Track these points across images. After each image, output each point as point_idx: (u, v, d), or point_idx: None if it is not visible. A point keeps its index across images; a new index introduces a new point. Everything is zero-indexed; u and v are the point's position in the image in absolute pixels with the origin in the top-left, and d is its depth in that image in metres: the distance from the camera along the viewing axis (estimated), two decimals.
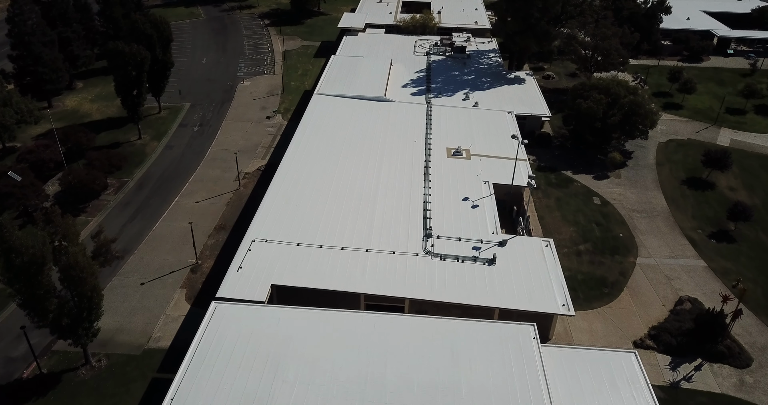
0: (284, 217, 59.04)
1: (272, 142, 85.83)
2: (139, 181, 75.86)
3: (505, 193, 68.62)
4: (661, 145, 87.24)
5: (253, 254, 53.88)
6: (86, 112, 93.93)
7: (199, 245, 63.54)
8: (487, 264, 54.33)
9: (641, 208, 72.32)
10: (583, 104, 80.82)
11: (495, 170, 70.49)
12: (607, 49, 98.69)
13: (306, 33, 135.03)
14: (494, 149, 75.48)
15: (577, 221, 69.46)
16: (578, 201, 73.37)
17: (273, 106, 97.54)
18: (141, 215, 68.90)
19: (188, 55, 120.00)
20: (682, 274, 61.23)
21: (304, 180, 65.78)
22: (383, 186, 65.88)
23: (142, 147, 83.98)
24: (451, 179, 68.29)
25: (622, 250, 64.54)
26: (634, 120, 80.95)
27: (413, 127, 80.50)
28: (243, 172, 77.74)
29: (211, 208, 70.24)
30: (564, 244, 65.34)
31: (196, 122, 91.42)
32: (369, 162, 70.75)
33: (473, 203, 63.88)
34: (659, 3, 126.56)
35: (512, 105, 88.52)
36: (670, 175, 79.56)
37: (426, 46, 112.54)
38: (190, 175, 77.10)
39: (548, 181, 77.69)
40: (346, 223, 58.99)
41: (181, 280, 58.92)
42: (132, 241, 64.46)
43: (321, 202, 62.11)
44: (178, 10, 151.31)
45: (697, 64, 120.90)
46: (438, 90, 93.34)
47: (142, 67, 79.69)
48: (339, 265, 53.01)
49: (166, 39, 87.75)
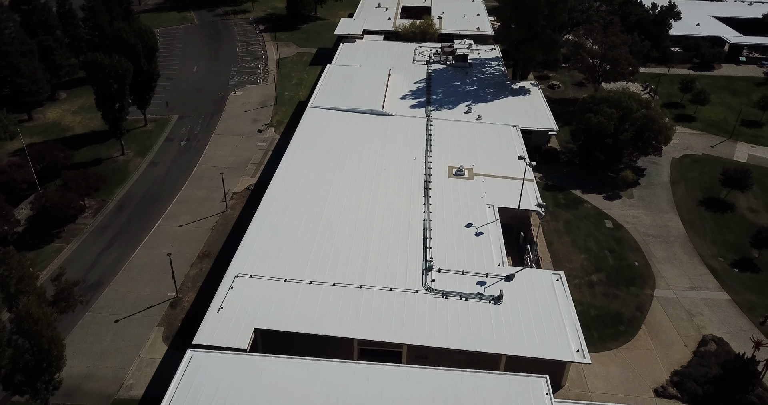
0: (271, 249, 54.17)
1: (263, 158, 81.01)
2: (119, 202, 71.02)
3: (511, 216, 63.94)
4: (675, 162, 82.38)
5: (236, 292, 49.03)
6: (68, 126, 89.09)
7: (181, 276, 58.78)
8: (493, 302, 49.48)
9: (657, 232, 67.46)
10: (593, 119, 75.97)
11: (500, 192, 65.68)
12: (615, 58, 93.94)
13: (302, 39, 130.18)
14: (499, 168, 70.69)
15: (588, 247, 64.63)
16: (589, 224, 68.54)
17: (265, 118, 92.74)
18: (119, 241, 64.08)
19: (179, 63, 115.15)
20: (704, 308, 56.39)
21: (293, 205, 60.90)
22: (380, 211, 61.06)
23: (124, 164, 79.13)
24: (453, 202, 63.48)
25: (638, 281, 59.71)
26: (647, 136, 76.11)
27: (412, 143, 75.67)
28: (231, 191, 72.92)
29: (195, 233, 65.41)
30: (575, 273, 60.53)
31: (184, 136, 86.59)
32: (365, 183, 65.94)
33: (477, 230, 59.06)
34: (668, 8, 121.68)
35: (517, 118, 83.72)
36: (685, 195, 74.69)
37: (426, 54, 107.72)
38: (174, 195, 72.26)
39: (556, 201, 72.86)
40: (339, 254, 54.17)
41: (159, 316, 54.09)
42: (108, 271, 59.62)
43: (312, 230, 57.26)
44: (170, 14, 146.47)
45: (708, 72, 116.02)
46: (439, 102, 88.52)
47: (124, 80, 74.91)
48: (330, 305, 48.16)
49: (152, 49, 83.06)
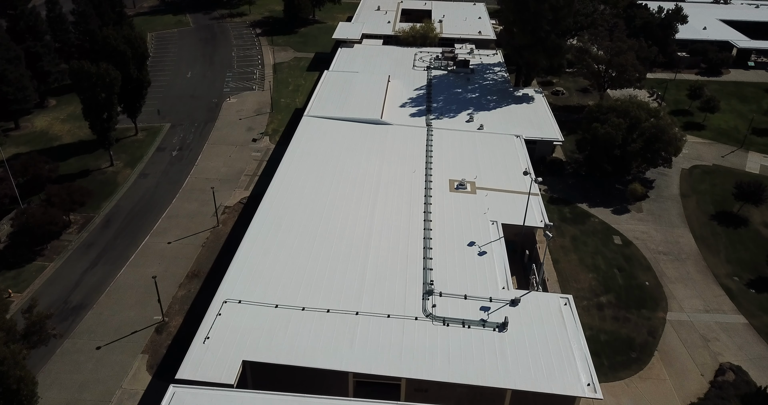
0: (262, 271, 51.13)
1: (257, 170, 78.02)
2: (106, 216, 68.04)
3: (515, 233, 60.98)
4: (685, 173, 79.37)
5: (224, 320, 46.03)
6: (56, 135, 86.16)
7: (168, 297, 55.86)
8: (498, 330, 46.51)
9: (668, 249, 64.47)
10: (600, 129, 72.97)
11: (504, 207, 62.69)
12: (622, 64, 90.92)
13: (299, 43, 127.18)
14: (502, 181, 67.72)
15: (596, 266, 61.64)
16: (596, 241, 65.55)
17: (260, 126, 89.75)
18: (105, 259, 61.10)
19: (172, 68, 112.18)
20: (721, 333, 53.39)
21: (287, 223, 57.86)
22: (378, 228, 58.05)
23: (113, 175, 76.17)
24: (455, 219, 60.49)
25: (649, 303, 56.71)
26: (657, 147, 73.13)
27: (412, 154, 72.68)
28: (222, 205, 69.95)
29: (185, 251, 62.44)
30: (583, 294, 57.57)
31: (176, 146, 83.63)
32: (362, 198, 62.96)
33: (480, 249, 56.05)
34: (675, 12, 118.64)
35: (521, 127, 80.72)
36: (697, 209, 71.70)
37: (426, 60, 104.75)
38: (163, 209, 69.30)
39: (562, 215, 69.88)
40: (334, 277, 51.16)
41: (144, 342, 51.11)
42: (91, 292, 56.65)
43: (306, 250, 54.23)
44: (165, 18, 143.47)
45: (716, 77, 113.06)
46: (439, 110, 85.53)
47: (112, 89, 71.93)
48: (324, 334, 45.16)
49: (142, 55, 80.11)
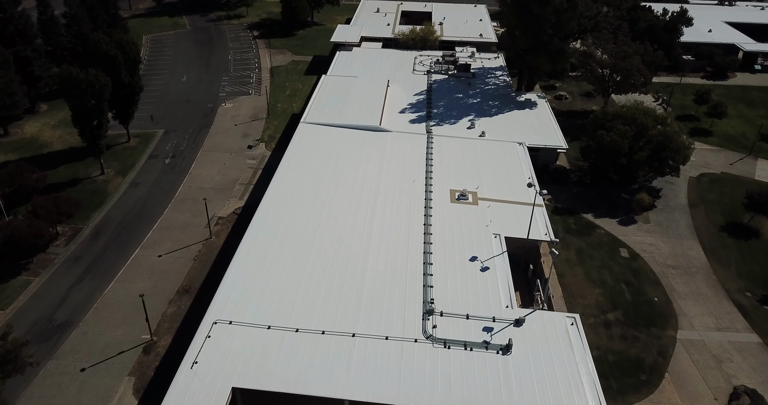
0: (254, 289, 48.88)
1: (252, 178, 75.77)
2: (95, 228, 65.81)
3: (518, 246, 58.77)
4: (693, 181, 77.10)
5: (213, 343, 43.81)
6: (46, 141, 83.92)
7: (157, 315, 53.64)
8: (501, 352, 44.29)
9: (677, 262, 62.22)
10: (606, 137, 70.72)
11: (507, 219, 60.48)
12: (627, 69, 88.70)
13: (297, 46, 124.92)
14: (505, 191, 65.51)
15: (603, 281, 59.39)
16: (603, 253, 63.30)
17: (256, 133, 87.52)
18: (92, 274, 58.86)
19: (168, 72, 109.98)
20: (734, 353, 51.13)
21: (281, 237, 55.61)
22: (376, 242, 55.80)
23: (104, 184, 73.92)
24: (456, 232, 58.25)
25: (658, 321, 54.45)
26: (664, 155, 70.88)
27: (412, 163, 70.47)
28: (216, 216, 67.73)
29: (176, 265, 60.19)
30: (590, 311, 55.34)
31: (169, 153, 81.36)
32: (360, 210, 60.73)
33: (483, 264, 53.83)
34: (680, 14, 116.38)
35: (524, 134, 78.51)
36: (706, 220, 69.43)
37: (427, 63, 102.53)
38: (155, 220, 67.06)
39: (567, 226, 67.65)
40: (330, 295, 48.92)
41: (131, 364, 48.86)
42: (78, 309, 54.42)
43: (300, 266, 51.98)
44: (161, 20, 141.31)
45: (722, 81, 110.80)
46: (440, 116, 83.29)
47: (102, 96, 69.72)
48: (318, 358, 42.94)
49: (134, 60, 77.86)
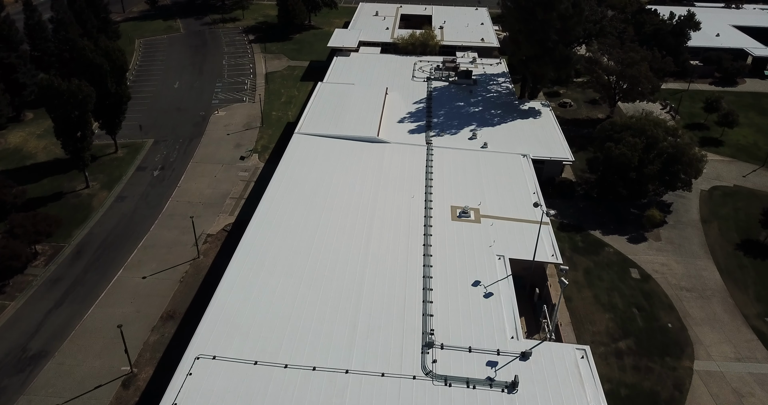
0: (240, 321, 45.44)
1: (244, 192, 72.43)
2: (77, 246, 62.47)
3: (523, 267, 55.48)
4: (704, 195, 73.74)
5: (194, 381, 40.41)
6: (30, 152, 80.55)
7: (139, 343, 50.33)
8: (507, 390, 40.94)
9: (690, 284, 58.87)
10: (615, 150, 67.37)
11: (511, 239, 57.15)
12: (635, 76, 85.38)
13: (293, 51, 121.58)
14: (508, 207, 62.20)
15: (613, 304, 56.03)
16: (612, 274, 59.96)
17: (249, 143, 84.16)
18: (72, 297, 55.51)
19: (159, 78, 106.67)
20: (755, 387, 47.75)
21: (271, 260, 52.23)
22: (372, 267, 52.35)
23: (88, 198, 70.58)
24: (458, 253, 54.89)
25: (673, 350, 51.09)
26: (676, 169, 67.55)
27: (411, 176, 67.14)
28: (205, 233, 64.40)
29: (160, 287, 56.84)
30: (600, 339, 51.99)
31: (157, 165, 77.99)
32: (356, 229, 57.35)
33: (486, 290, 50.47)
34: (687, 18, 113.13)
35: (527, 145, 75.19)
36: (720, 237, 66.07)
37: (426, 70, 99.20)
38: (140, 238, 63.72)
39: (573, 244, 64.30)
40: (322, 327, 45.51)
41: (109, 399, 45.52)
42: (54, 337, 51.06)
43: (290, 295, 48.54)
44: (155, 23, 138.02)
45: (731, 87, 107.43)
46: (440, 126, 79.94)
47: (86, 107, 66.58)
48: (309, 398, 39.49)
49: (121, 69, 74.65)
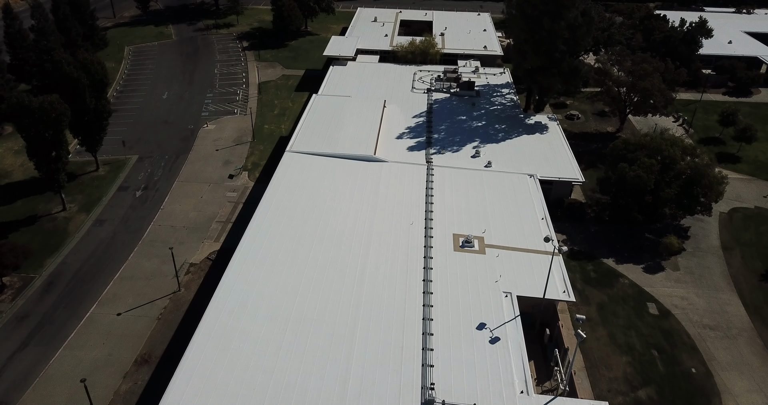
0: (218, 375, 40.58)
1: (231, 215, 67.72)
2: (48, 278, 57.73)
3: (532, 304, 50.80)
4: (724, 218, 68.99)
5: None
6: (5, 170, 75.80)
7: (109, 393, 45.58)
8: None
9: (714, 321, 54.08)
10: (629, 172, 62.58)
11: (518, 273, 52.41)
12: (647, 89, 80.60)
13: (288, 58, 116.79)
14: (515, 235, 57.52)
15: (630, 345, 51.24)
16: (628, 309, 55.20)
17: (239, 159, 79.42)
18: (39, 338, 50.76)
19: (148, 88, 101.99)
20: None
21: (254, 301, 47.34)
22: (366, 308, 47.54)
23: (64, 222, 65.89)
24: (461, 290, 50.11)
25: (699, 400, 46.27)
26: (695, 192, 62.83)
27: (410, 200, 62.39)
28: (187, 262, 59.68)
29: (136, 326, 52.08)
30: (617, 386, 47.21)
31: (140, 184, 73.23)
32: (349, 263, 52.52)
33: (492, 334, 45.73)
34: (699, 25, 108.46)
35: (534, 164, 70.48)
36: (743, 267, 61.29)
37: (427, 80, 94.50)
38: (117, 268, 58.95)
39: (585, 275, 59.54)
40: (309, 382, 40.73)
41: None
42: (15, 386, 46.28)
43: (275, 342, 43.65)
44: (146, 29, 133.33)
45: (746, 98, 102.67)
46: (441, 142, 75.18)
47: (59, 125, 61.81)
48: None
49: (100, 83, 69.94)
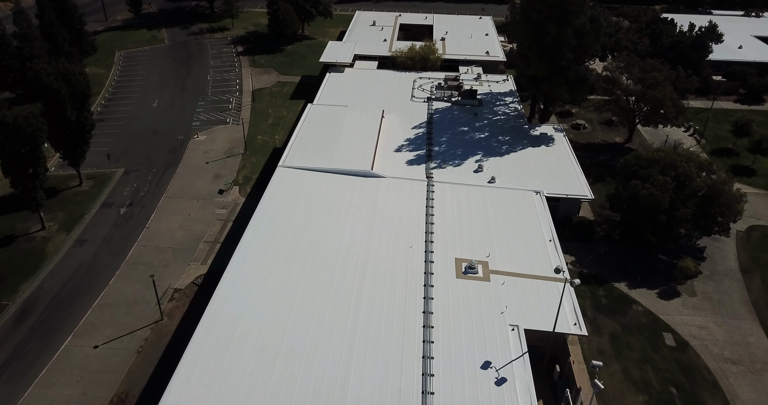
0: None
1: (220, 234, 64.02)
2: (22, 306, 54.03)
3: (541, 337, 47.14)
4: (741, 237, 65.27)
5: None
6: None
7: None
8: None
9: (736, 354, 50.35)
10: (642, 190, 58.83)
11: (526, 302, 48.70)
12: (658, 98, 76.86)
13: (284, 64, 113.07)
14: (521, 258, 53.84)
15: (646, 382, 47.52)
16: (643, 341, 51.45)
17: (230, 173, 75.70)
18: (8, 375, 47.04)
19: (138, 96, 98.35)
20: None
21: (240, 335, 43.60)
22: (361, 343, 43.85)
23: (42, 242, 62.22)
24: (464, 323, 46.38)
25: None
26: (712, 212, 59.11)
27: (409, 220, 58.67)
28: (171, 288, 56.00)
29: (114, 360, 48.37)
30: None
31: (125, 200, 69.55)
32: (343, 292, 48.77)
33: (498, 374, 42.03)
34: (709, 30, 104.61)
35: (540, 179, 66.76)
36: (764, 292, 57.55)
37: (427, 88, 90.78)
38: (96, 294, 55.25)
39: (596, 301, 55.82)
40: None
41: None
42: None
43: (262, 384, 39.96)
44: (138, 33, 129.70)
45: (758, 106, 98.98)
46: (442, 156, 71.42)
47: (36, 141, 58.14)
48: None
49: (82, 94, 66.26)
